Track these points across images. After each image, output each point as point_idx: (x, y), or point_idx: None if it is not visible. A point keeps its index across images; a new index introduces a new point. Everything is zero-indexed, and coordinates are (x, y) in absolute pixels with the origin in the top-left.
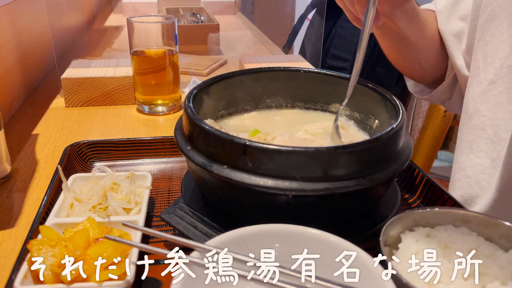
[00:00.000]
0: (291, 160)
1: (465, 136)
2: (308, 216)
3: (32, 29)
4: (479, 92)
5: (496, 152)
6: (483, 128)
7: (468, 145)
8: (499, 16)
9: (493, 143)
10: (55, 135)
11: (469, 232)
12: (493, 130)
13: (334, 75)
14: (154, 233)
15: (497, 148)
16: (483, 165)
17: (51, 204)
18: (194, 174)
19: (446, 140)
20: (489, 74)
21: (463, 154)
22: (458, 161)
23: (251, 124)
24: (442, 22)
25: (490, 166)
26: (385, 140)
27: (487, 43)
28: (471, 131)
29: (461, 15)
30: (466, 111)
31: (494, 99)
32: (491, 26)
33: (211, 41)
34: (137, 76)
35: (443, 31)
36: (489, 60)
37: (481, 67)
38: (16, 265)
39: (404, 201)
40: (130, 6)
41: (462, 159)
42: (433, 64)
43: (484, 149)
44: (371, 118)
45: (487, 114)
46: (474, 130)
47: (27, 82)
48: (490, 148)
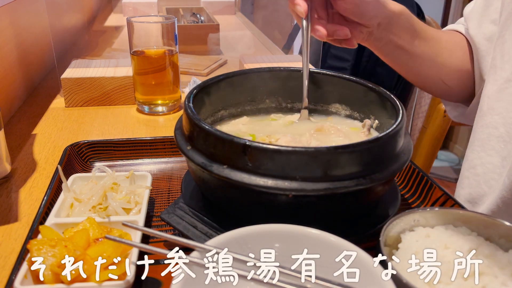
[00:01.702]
0: (291, 160)
1: (477, 135)
2: (308, 216)
3: (32, 29)
4: (495, 90)
5: (507, 150)
6: (496, 126)
7: (479, 143)
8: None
9: (504, 141)
10: (55, 135)
11: (469, 232)
12: (505, 129)
13: (334, 75)
14: (154, 233)
15: (508, 147)
16: (494, 164)
17: (51, 204)
18: (194, 174)
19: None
20: (506, 72)
21: (474, 152)
22: (469, 159)
23: (246, 129)
24: (474, 27)
25: (500, 165)
26: (385, 140)
27: (505, 41)
28: (483, 130)
29: (492, 19)
30: (481, 109)
31: (509, 97)
32: (511, 24)
33: (211, 41)
34: (137, 76)
35: (475, 36)
36: (507, 58)
37: (498, 65)
38: (16, 265)
39: (404, 201)
40: (130, 6)
41: (473, 157)
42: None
43: (495, 148)
44: (371, 118)
45: (501, 112)
46: (487, 128)
47: (27, 82)
48: (501, 147)
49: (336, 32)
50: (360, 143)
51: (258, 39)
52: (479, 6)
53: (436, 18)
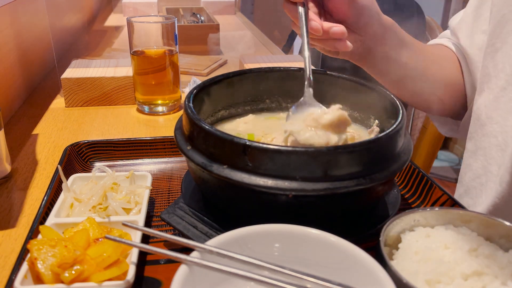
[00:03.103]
0: (291, 160)
1: (480, 143)
2: (308, 216)
3: (32, 29)
4: (491, 99)
5: (503, 159)
6: (495, 135)
7: (483, 153)
8: (510, 22)
9: (502, 150)
10: (55, 135)
11: (469, 232)
12: (503, 137)
13: (334, 75)
14: (154, 233)
15: (505, 155)
16: (492, 173)
17: (51, 204)
18: (194, 174)
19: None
20: (501, 81)
21: (478, 161)
22: (473, 169)
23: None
24: (465, 38)
25: (496, 173)
26: (385, 140)
27: (497, 50)
28: (484, 139)
29: (483, 29)
30: (478, 118)
31: (505, 105)
32: (501, 32)
33: (211, 41)
34: (137, 76)
35: (468, 47)
36: (500, 66)
37: (491, 73)
38: (16, 265)
39: (404, 201)
40: (130, 6)
41: (477, 166)
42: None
43: (495, 157)
44: (371, 118)
45: (499, 121)
46: (488, 137)
47: (27, 82)
48: (499, 155)
49: (332, 29)
50: (360, 143)
51: (258, 39)
52: (468, 17)
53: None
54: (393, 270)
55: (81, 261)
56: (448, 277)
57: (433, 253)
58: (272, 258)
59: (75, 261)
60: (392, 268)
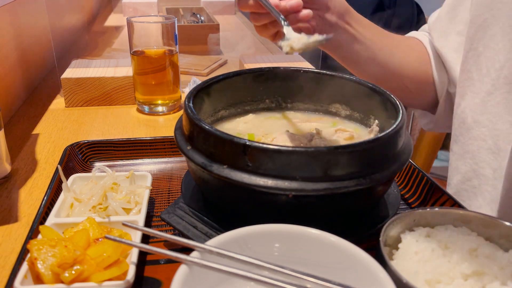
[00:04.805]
0: (291, 160)
1: (467, 147)
2: (308, 216)
3: (32, 29)
4: (477, 103)
5: (497, 162)
6: (484, 139)
7: (471, 156)
8: (492, 27)
9: (493, 153)
10: (55, 135)
11: (469, 232)
12: (493, 141)
13: (334, 75)
14: (154, 233)
15: (498, 159)
16: (486, 176)
17: (51, 204)
18: (194, 174)
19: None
20: (486, 85)
21: (466, 164)
22: (461, 172)
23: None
24: (438, 38)
25: (492, 177)
26: (385, 140)
27: (480, 54)
28: (472, 142)
29: (458, 30)
30: (464, 121)
31: (493, 109)
32: (483, 36)
33: (211, 41)
34: (137, 76)
35: (441, 47)
36: (485, 71)
37: (475, 78)
38: (16, 265)
39: (404, 201)
40: (130, 6)
41: (466, 169)
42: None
43: (486, 160)
44: (371, 118)
45: (487, 124)
46: (476, 141)
47: (27, 82)
48: (491, 158)
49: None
50: (360, 143)
51: (258, 39)
52: (444, 17)
53: None
54: (393, 270)
55: (81, 261)
56: (448, 277)
57: (433, 253)
58: (272, 258)
59: (75, 261)
60: (392, 268)
